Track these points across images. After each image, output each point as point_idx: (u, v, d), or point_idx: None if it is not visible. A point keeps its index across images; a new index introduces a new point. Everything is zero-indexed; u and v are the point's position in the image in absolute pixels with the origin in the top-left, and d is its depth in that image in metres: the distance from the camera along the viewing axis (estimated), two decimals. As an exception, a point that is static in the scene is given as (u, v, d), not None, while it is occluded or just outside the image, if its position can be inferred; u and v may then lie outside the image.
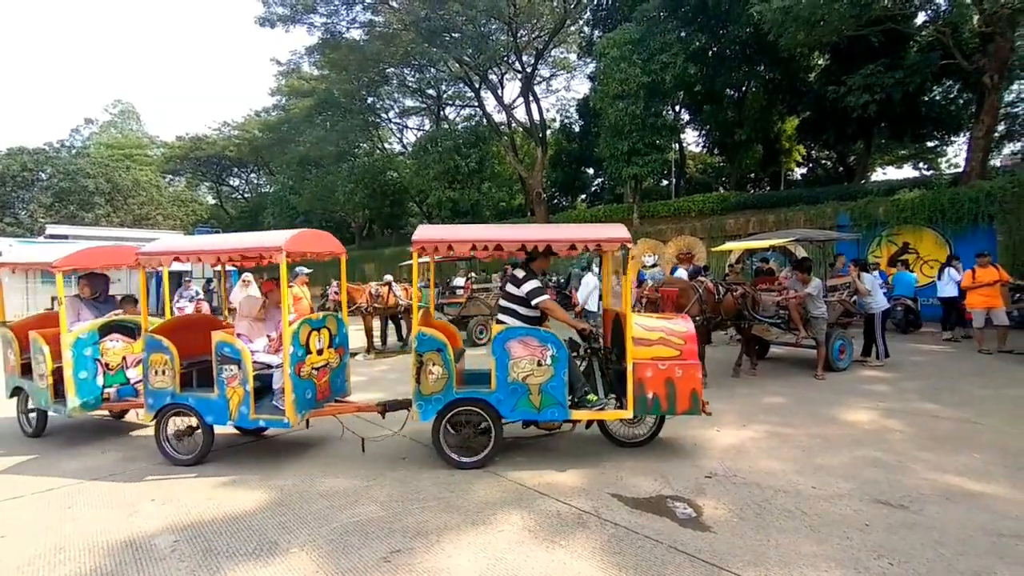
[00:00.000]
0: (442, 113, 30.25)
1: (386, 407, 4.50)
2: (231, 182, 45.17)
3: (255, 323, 4.70)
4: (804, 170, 26.87)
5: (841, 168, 24.60)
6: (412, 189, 25.99)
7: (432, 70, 25.40)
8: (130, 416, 5.70)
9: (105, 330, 5.04)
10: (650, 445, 4.42)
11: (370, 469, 4.10)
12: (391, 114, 32.00)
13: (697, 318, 6.58)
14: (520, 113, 27.17)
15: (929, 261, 12.06)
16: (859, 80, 14.76)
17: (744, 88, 21.93)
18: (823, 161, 26.27)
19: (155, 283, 20.98)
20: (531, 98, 24.58)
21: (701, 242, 14.17)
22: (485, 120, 25.82)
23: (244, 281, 8.63)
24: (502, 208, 29.13)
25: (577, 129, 29.91)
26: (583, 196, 32.23)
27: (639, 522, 3.14)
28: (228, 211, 44.53)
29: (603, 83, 17.85)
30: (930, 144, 24.38)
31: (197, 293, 9.95)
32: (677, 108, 23.97)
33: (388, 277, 10.50)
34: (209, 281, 15.42)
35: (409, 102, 31.10)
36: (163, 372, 4.31)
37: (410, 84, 28.34)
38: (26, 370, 5.10)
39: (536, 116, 24.93)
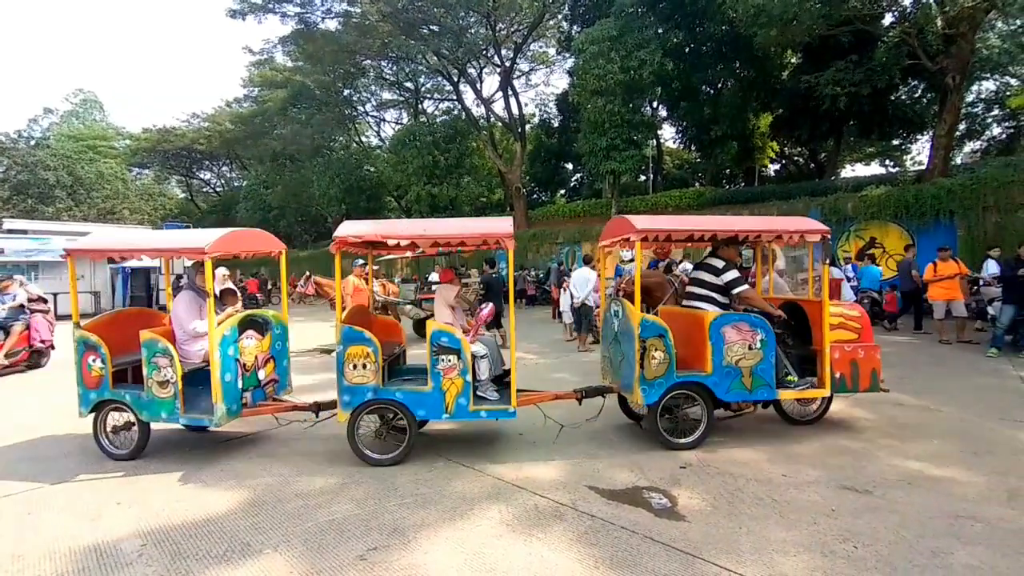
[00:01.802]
0: (420, 107, 29.94)
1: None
2: (201, 175, 43.96)
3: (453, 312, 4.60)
4: (777, 167, 27.48)
5: (813, 165, 25.26)
6: (390, 184, 25.71)
7: (410, 63, 25.09)
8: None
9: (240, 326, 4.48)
10: (627, 438, 4.50)
11: (346, 467, 4.04)
12: (368, 107, 31.54)
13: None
14: (499, 107, 27.08)
15: (895, 255, 12.48)
16: (830, 76, 15.13)
17: (720, 85, 22.28)
18: (796, 158, 26.89)
19: (122, 280, 20.33)
20: (510, 92, 24.52)
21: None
22: (464, 114, 25.66)
23: (224, 276, 8.52)
24: (481, 203, 29.01)
25: (556, 124, 29.99)
26: (562, 191, 32.36)
27: (615, 513, 3.17)
28: (199, 205, 43.35)
29: (581, 78, 17.92)
30: (896, 142, 25.23)
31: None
32: (654, 104, 24.21)
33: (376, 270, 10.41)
34: (179, 277, 14.99)
35: (386, 95, 30.69)
36: (363, 366, 3.94)
37: (387, 77, 27.97)
38: (120, 378, 4.41)
39: (515, 110, 24.89)
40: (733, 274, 4.37)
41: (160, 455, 4.40)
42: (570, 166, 30.51)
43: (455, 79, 25.40)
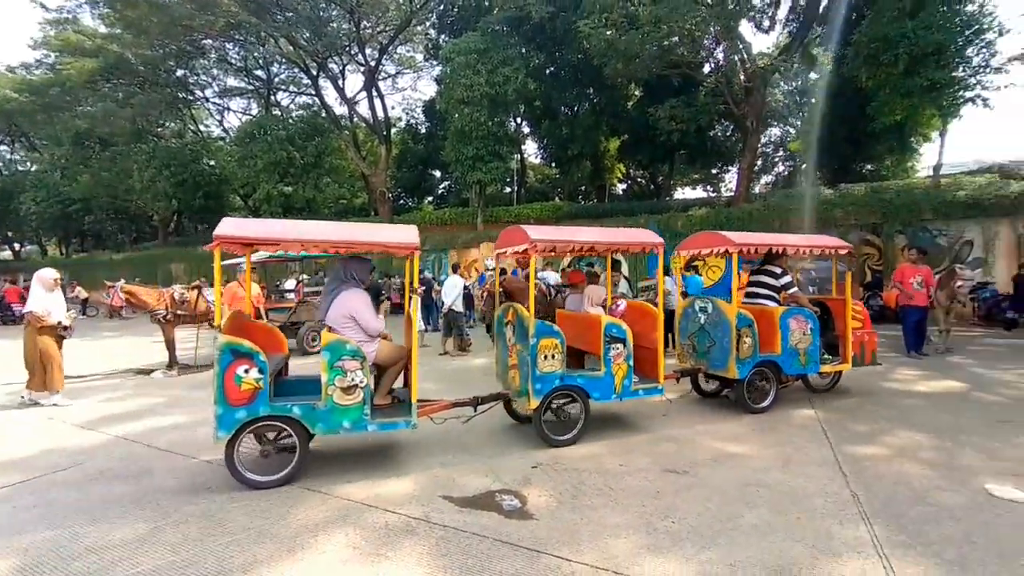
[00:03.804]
0: (273, 98, 27.39)
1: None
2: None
3: None
4: (624, 186, 30.70)
5: (652, 186, 28.74)
6: (235, 180, 22.97)
7: (261, 48, 22.82)
8: None
9: None
10: (485, 443, 4.59)
11: (160, 509, 3.45)
12: (208, 92, 27.90)
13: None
14: (363, 108, 25.99)
15: (713, 267, 14.74)
16: (665, 111, 17.42)
17: (576, 108, 24.21)
18: (639, 179, 30.35)
19: None
20: (375, 93, 23.71)
21: (539, 247, 15.20)
22: (324, 111, 24.10)
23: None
24: (343, 206, 27.48)
25: (424, 130, 29.77)
26: (430, 198, 32.15)
27: (467, 520, 3.18)
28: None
29: (448, 87, 18.07)
30: (715, 171, 29.93)
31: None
32: (519, 120, 25.40)
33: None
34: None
35: (232, 81, 27.52)
36: (553, 357, 4.31)
37: (233, 61, 25.09)
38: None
39: (380, 112, 24.13)
40: (788, 279, 5.74)
41: None
42: (438, 173, 30.48)
43: (314, 72, 23.75)
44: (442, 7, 23.49)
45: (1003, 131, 54.56)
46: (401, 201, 31.19)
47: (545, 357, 4.29)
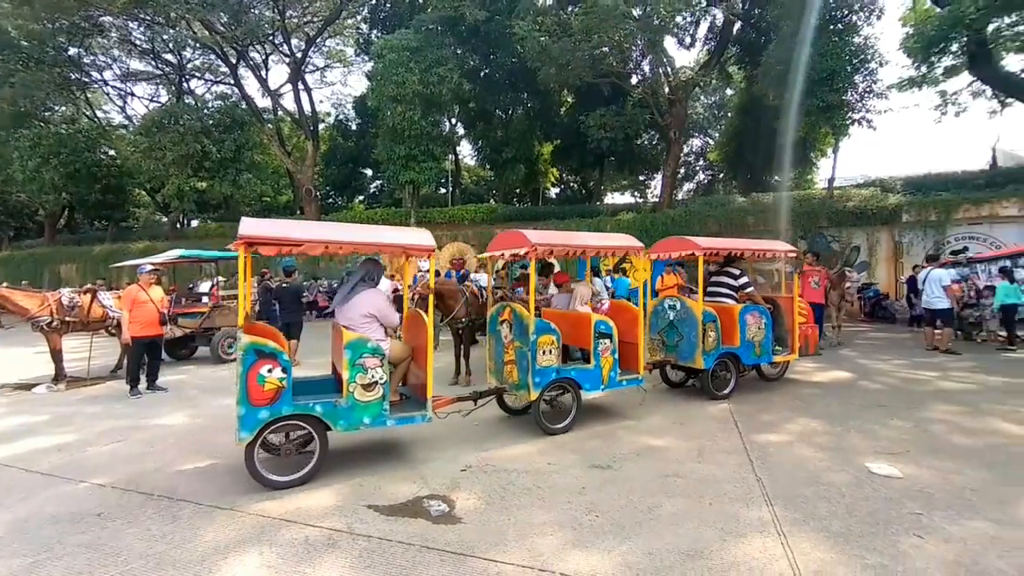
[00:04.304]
0: (186, 85, 25.27)
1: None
2: None
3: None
4: (557, 190, 31.40)
5: (584, 191, 29.62)
6: (140, 173, 20.91)
7: (171, 30, 20.94)
8: None
9: None
10: (412, 448, 4.49)
11: (41, 540, 3.06)
12: (108, 75, 25.22)
13: (464, 320, 7.03)
14: (289, 101, 24.66)
15: (640, 270, 15.42)
16: (596, 119, 18.02)
17: (510, 111, 24.44)
18: (571, 184, 31.16)
19: None
20: (301, 86, 22.58)
21: (473, 249, 15.17)
22: (245, 102, 22.56)
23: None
24: (265, 203, 25.91)
25: (354, 127, 28.78)
26: (361, 197, 31.11)
27: (393, 529, 3.10)
28: None
29: (380, 84, 17.58)
30: (641, 178, 31.37)
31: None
32: (453, 121, 25.22)
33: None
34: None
35: (137, 64, 25.04)
36: (550, 352, 4.66)
37: (138, 42, 22.85)
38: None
39: (307, 107, 23.01)
40: (745, 279, 6.40)
41: None
42: (369, 172, 29.54)
43: (233, 61, 22.18)
44: (374, 2, 22.84)
45: (885, 149, 61.78)
46: (330, 199, 29.92)
47: (543, 352, 4.64)
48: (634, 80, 19.83)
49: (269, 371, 3.56)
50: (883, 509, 3.25)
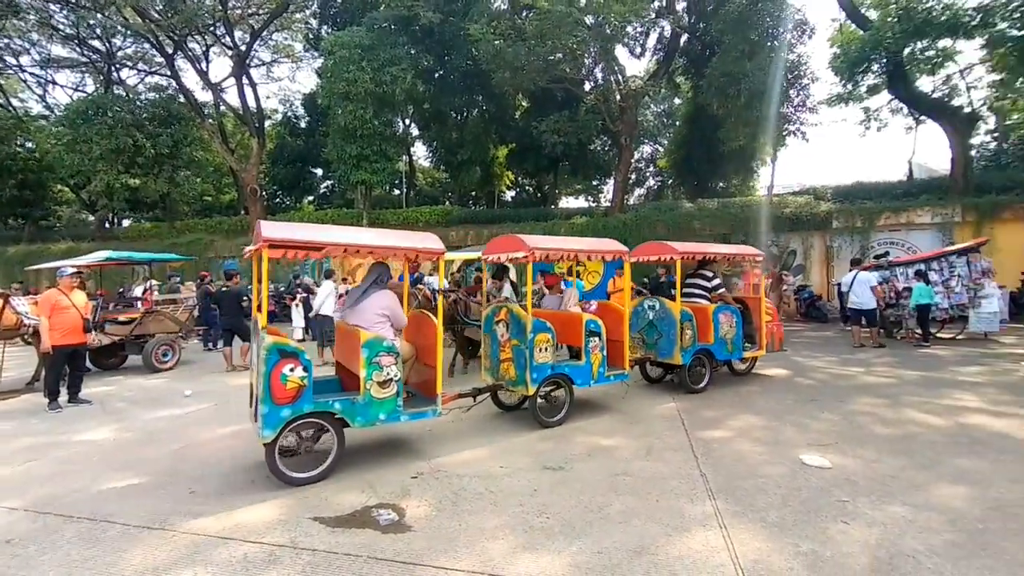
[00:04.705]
0: (116, 75, 23.58)
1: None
2: None
3: None
4: (513, 193, 31.57)
5: (539, 194, 29.92)
6: (62, 168, 19.30)
7: (98, 15, 19.50)
8: None
9: None
10: (360, 457, 4.36)
11: (-66, 572, 2.75)
12: (26, 60, 23.19)
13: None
14: (232, 96, 23.53)
15: (592, 272, 15.73)
16: (550, 124, 18.25)
17: (465, 114, 24.34)
18: (526, 187, 31.41)
19: None
20: (245, 81, 21.59)
21: (427, 251, 14.98)
22: (183, 96, 21.31)
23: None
24: (207, 203, 24.57)
25: (304, 125, 27.83)
26: (311, 197, 30.09)
27: (339, 541, 3.00)
28: None
29: (330, 81, 17.09)
30: (594, 183, 32.05)
31: None
32: (407, 121, 24.86)
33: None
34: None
35: (60, 50, 23.18)
36: (546, 349, 4.94)
37: (60, 26, 21.13)
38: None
39: (252, 102, 22.02)
40: (718, 281, 6.92)
41: None
42: (320, 172, 28.61)
43: (170, 51, 20.91)
44: (324, -4, 22.21)
45: (818, 159, 66.15)
46: (277, 199, 28.76)
47: (540, 350, 4.94)
48: (587, 87, 20.26)
49: (291, 370, 3.64)
50: (814, 498, 3.46)
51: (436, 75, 21.16)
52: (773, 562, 2.73)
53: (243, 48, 21.51)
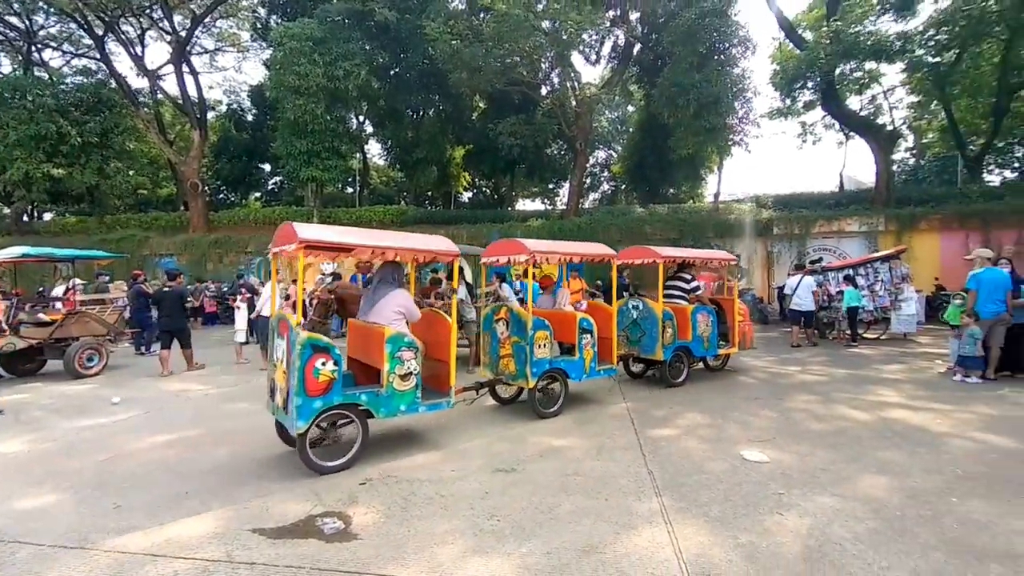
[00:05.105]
0: (37, 56, 21.72)
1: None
2: None
3: None
4: (470, 194, 31.46)
5: (496, 196, 29.95)
6: (-28, 154, 17.57)
7: (17, -9, 17.93)
8: None
9: None
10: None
11: None
12: (-71, 35, 20.95)
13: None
14: (171, 84, 22.16)
15: (548, 275, 15.90)
16: (507, 127, 18.32)
17: (421, 112, 24.05)
18: (483, 188, 31.39)
19: None
20: (185, 68, 20.41)
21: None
22: (115, 81, 19.89)
23: None
24: (142, 197, 23.04)
25: (251, 118, 26.62)
26: (258, 194, 28.82)
27: (280, 553, 2.86)
28: None
29: (279, 73, 16.44)
30: (551, 186, 32.43)
31: None
32: (361, 118, 24.27)
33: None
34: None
35: (-30, 25, 21.06)
36: (545, 346, 5.31)
37: (-29, -1, 19.22)
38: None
39: (193, 92, 20.86)
40: (696, 283, 7.34)
41: None
42: (268, 167, 27.45)
43: (100, 32, 19.47)
44: (274, -16, 21.37)
45: (760, 169, 69.89)
46: (221, 195, 27.35)
47: (540, 346, 5.24)
48: (544, 91, 20.51)
49: (323, 364, 3.81)
50: (753, 492, 3.62)
51: (391, 72, 20.80)
52: (714, 555, 2.84)
53: (183, 34, 20.34)
